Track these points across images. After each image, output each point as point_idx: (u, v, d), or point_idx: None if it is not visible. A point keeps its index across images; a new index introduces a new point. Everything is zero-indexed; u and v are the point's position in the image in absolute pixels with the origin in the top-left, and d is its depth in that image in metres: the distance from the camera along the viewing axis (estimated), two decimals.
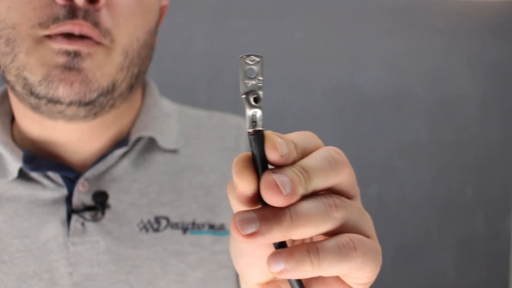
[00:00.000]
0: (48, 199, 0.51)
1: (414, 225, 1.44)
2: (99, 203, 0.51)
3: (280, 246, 0.26)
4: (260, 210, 0.25)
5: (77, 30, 0.46)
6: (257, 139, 0.26)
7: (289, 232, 0.25)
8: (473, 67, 1.45)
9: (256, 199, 0.26)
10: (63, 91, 0.46)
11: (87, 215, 0.51)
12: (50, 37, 0.46)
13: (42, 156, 0.54)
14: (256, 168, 0.26)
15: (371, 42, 1.41)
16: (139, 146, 0.57)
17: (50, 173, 0.52)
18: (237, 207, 0.27)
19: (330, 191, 0.28)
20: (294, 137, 0.27)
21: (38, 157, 0.52)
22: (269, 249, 0.28)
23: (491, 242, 1.47)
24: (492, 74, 1.46)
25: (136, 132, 0.56)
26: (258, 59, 0.26)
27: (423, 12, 1.42)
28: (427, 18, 1.43)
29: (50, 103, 0.48)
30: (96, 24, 0.47)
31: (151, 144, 0.57)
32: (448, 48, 1.44)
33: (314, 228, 0.26)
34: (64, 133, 0.53)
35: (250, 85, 0.26)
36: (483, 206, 1.47)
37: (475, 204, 1.46)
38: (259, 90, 0.26)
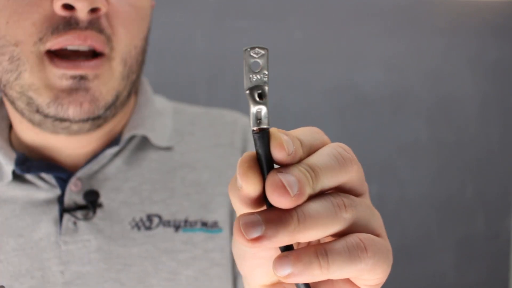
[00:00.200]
0: (42, 199, 0.52)
1: (414, 225, 1.44)
2: (90, 202, 0.52)
3: (286, 248, 0.25)
4: (266, 213, 0.24)
5: (82, 43, 0.45)
6: (262, 137, 0.24)
7: (296, 235, 0.24)
8: (473, 67, 1.45)
9: (260, 200, 0.25)
10: (73, 112, 0.47)
11: (78, 214, 0.51)
12: (51, 60, 0.45)
13: (35, 159, 0.54)
14: (261, 168, 0.24)
15: (371, 42, 1.41)
16: (132, 145, 0.57)
17: (44, 174, 0.52)
18: (241, 209, 0.26)
19: (338, 190, 0.27)
20: (300, 133, 0.26)
21: (30, 159, 0.53)
22: (275, 250, 0.27)
23: (491, 242, 1.47)
24: (492, 74, 1.46)
25: (128, 131, 0.56)
26: (263, 52, 0.24)
27: (423, 12, 1.42)
28: (427, 18, 1.43)
29: (57, 121, 0.48)
30: (100, 31, 0.46)
31: (144, 143, 0.58)
32: (448, 48, 1.44)
33: (323, 231, 0.24)
34: (59, 142, 0.53)
35: (254, 80, 0.24)
36: (483, 206, 1.47)
37: (475, 204, 1.46)
38: (265, 85, 0.24)
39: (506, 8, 1.44)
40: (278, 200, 0.23)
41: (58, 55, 0.46)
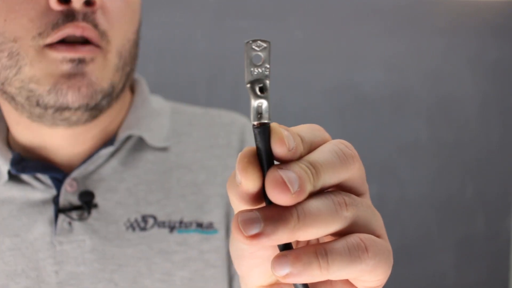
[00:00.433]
0: (38, 199, 0.52)
1: (414, 225, 1.44)
2: (85, 202, 0.52)
3: (285, 247, 0.24)
4: (265, 209, 0.24)
5: (79, 32, 0.46)
6: (263, 132, 0.23)
7: (296, 233, 0.23)
8: (473, 67, 1.45)
9: (260, 197, 0.24)
10: (72, 96, 0.47)
11: (73, 214, 0.52)
12: (51, 46, 0.46)
13: (31, 159, 0.54)
14: (260, 163, 0.24)
15: (371, 42, 1.41)
16: (129, 145, 0.57)
17: (39, 175, 0.53)
18: (239, 206, 0.25)
19: (339, 188, 0.26)
20: (301, 130, 0.26)
21: (26, 160, 0.53)
22: (273, 249, 0.27)
23: (491, 242, 1.47)
24: (492, 74, 1.46)
25: (123, 132, 0.56)
26: (265, 45, 0.24)
27: (423, 12, 1.42)
28: (427, 18, 1.43)
29: (57, 111, 0.49)
30: (95, 26, 0.47)
31: (140, 143, 0.58)
32: (448, 48, 1.44)
33: (323, 229, 0.24)
34: (56, 138, 0.54)
35: (256, 73, 0.24)
36: (483, 206, 1.47)
37: (475, 204, 1.46)
38: (266, 79, 0.24)
39: (506, 8, 1.44)
40: (278, 197, 0.23)
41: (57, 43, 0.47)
